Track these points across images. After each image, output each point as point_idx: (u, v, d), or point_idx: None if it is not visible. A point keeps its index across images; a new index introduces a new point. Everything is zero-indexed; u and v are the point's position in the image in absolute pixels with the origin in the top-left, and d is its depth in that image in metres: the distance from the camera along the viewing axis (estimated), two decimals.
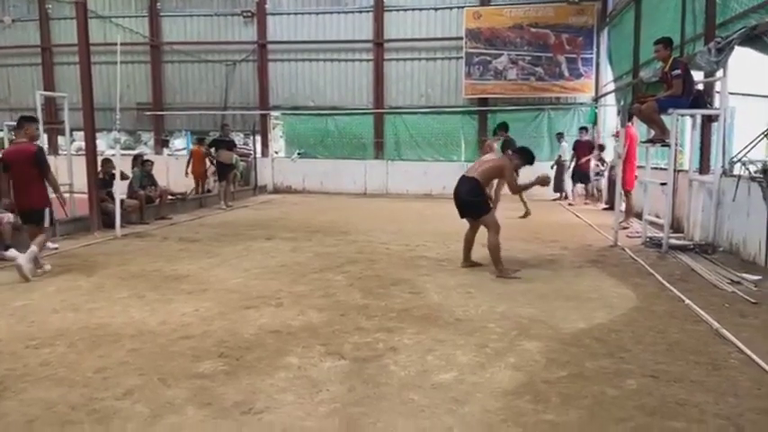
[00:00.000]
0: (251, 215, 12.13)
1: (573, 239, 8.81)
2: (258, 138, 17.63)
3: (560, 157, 14.96)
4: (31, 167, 6.45)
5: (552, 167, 14.51)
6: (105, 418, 3.06)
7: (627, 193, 10.09)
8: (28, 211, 6.61)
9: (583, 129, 14.58)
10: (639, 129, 10.18)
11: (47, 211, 6.59)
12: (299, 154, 17.70)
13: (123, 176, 9.95)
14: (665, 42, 7.63)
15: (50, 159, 10.11)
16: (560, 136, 15.32)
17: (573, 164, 14.34)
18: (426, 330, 4.48)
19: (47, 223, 6.62)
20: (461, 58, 16.34)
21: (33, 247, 6.31)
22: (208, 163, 14.34)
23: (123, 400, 3.27)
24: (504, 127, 10.84)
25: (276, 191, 17.41)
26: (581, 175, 14.16)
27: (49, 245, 7.93)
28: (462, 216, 6.75)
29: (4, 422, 3.03)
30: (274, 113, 17.99)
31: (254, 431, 2.93)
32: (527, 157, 6.72)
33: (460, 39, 16.24)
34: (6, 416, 3.10)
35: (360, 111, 17.28)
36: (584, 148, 13.96)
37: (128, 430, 2.93)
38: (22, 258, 6.15)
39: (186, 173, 14.35)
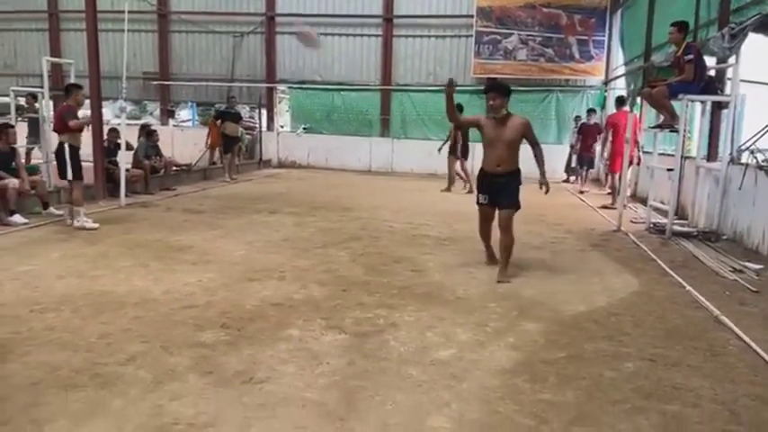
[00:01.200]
0: (255, 189, 12.14)
1: (577, 223, 8.80)
2: (264, 111, 17.56)
3: (573, 141, 14.83)
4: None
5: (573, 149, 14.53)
6: (108, 382, 3.11)
7: (612, 175, 10.80)
8: None
9: (591, 111, 13.81)
10: (649, 114, 10.12)
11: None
12: (304, 129, 17.62)
13: (128, 147, 9.94)
14: (680, 26, 7.52)
15: None
16: (579, 119, 15.00)
17: (578, 147, 13.63)
18: (427, 308, 4.51)
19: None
20: (471, 36, 16.14)
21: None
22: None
23: (126, 366, 3.32)
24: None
25: (281, 165, 17.38)
26: (588, 161, 13.38)
27: (54, 211, 7.99)
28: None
29: (9, 383, 3.08)
30: (281, 87, 17.87)
31: (254, 400, 2.97)
32: None
33: (471, 17, 16.03)
34: (10, 377, 3.15)
35: (367, 87, 17.15)
36: (592, 132, 13.20)
37: (130, 395, 2.98)
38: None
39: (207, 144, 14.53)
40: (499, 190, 5.50)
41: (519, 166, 5.56)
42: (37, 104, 11.44)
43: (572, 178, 14.84)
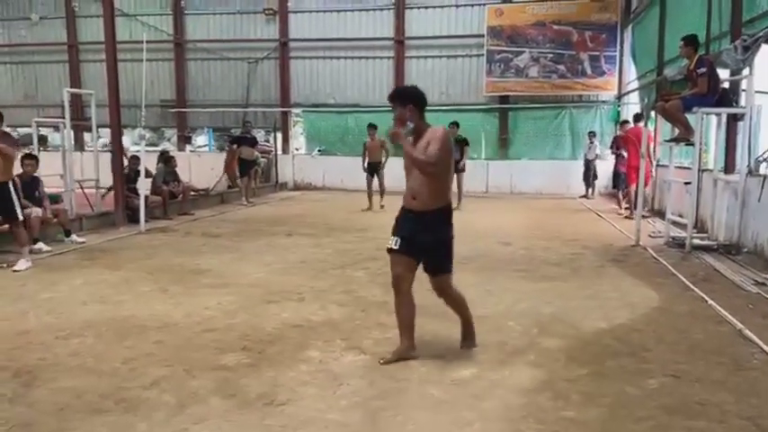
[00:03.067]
0: (272, 211, 12.24)
1: (594, 238, 8.75)
2: (279, 135, 17.76)
3: (589, 156, 14.84)
4: None
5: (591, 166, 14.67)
6: (133, 407, 3.15)
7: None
8: None
9: (624, 122, 12.40)
10: (664, 127, 10.09)
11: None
12: (319, 151, 17.78)
13: (147, 174, 10.12)
14: (689, 40, 7.53)
15: (76, 156, 10.37)
16: (593, 135, 14.95)
17: (614, 163, 12.44)
18: (445, 327, 4.49)
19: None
20: (482, 55, 16.26)
21: None
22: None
23: (150, 390, 3.35)
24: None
25: (296, 187, 17.52)
26: (623, 178, 11.52)
27: (76, 238, 8.13)
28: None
29: (36, 409, 3.13)
30: (295, 111, 18.09)
31: (277, 422, 2.98)
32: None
33: (482, 36, 16.18)
34: (38, 403, 3.20)
35: (380, 108, 17.26)
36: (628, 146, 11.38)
37: (155, 419, 3.01)
38: None
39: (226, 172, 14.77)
40: (419, 235, 3.76)
41: (449, 201, 3.96)
42: None
43: (590, 191, 14.80)
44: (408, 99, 3.90)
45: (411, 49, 16.96)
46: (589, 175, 14.87)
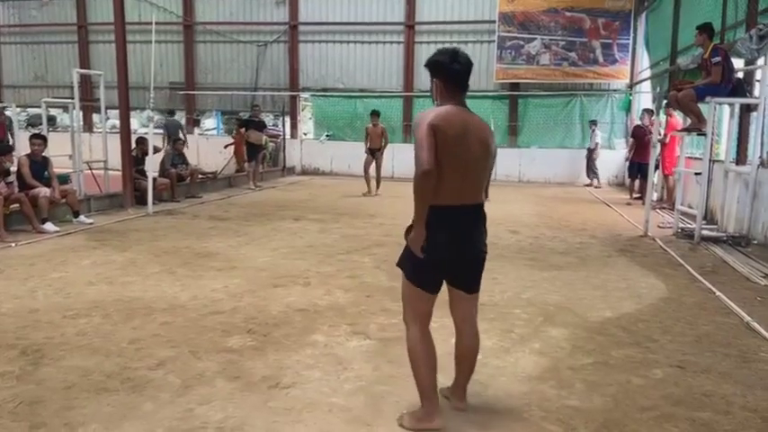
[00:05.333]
0: (279, 196, 12.25)
1: (602, 228, 8.71)
2: (287, 119, 17.73)
3: (597, 145, 14.81)
4: None
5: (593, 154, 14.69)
6: (139, 387, 3.17)
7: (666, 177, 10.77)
8: None
9: (647, 111, 11.73)
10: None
11: None
12: (327, 136, 17.74)
13: (156, 149, 10.09)
14: (704, 29, 7.41)
15: (85, 137, 10.40)
16: (594, 123, 15.01)
17: (631, 154, 11.94)
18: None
19: None
20: (493, 41, 16.11)
21: None
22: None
23: (156, 371, 3.38)
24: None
25: (304, 172, 17.51)
26: (644, 169, 10.67)
27: (85, 219, 8.17)
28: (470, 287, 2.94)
29: (44, 387, 3.16)
30: (304, 95, 18.04)
31: (281, 405, 3.00)
32: None
33: (493, 22, 16.01)
34: (45, 381, 3.23)
35: (389, 94, 17.21)
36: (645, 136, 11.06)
37: (161, 399, 3.03)
38: None
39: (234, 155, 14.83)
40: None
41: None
42: None
43: (595, 181, 14.76)
44: (428, 69, 2.85)
45: (421, 35, 16.82)
46: (591, 165, 14.90)
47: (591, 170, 14.92)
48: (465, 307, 2.91)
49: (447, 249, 2.66)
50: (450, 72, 2.77)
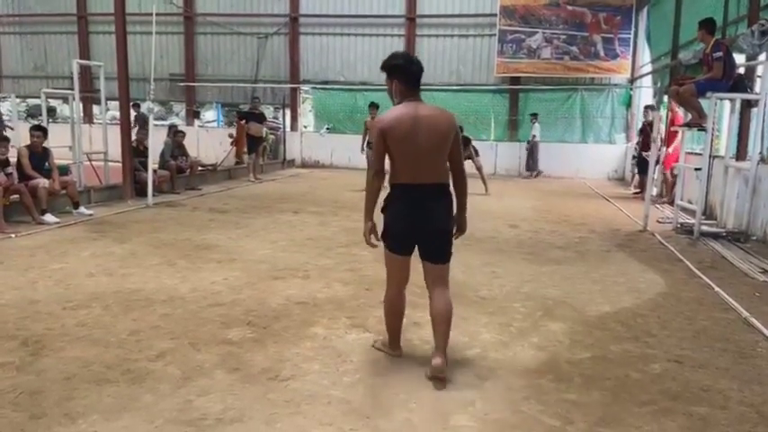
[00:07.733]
0: (279, 188, 12.25)
1: (602, 222, 8.72)
2: (288, 111, 17.70)
3: (534, 137, 15.44)
4: None
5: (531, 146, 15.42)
6: (139, 378, 3.18)
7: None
8: None
9: (649, 108, 11.74)
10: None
11: None
12: (327, 129, 17.71)
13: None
14: (706, 24, 7.40)
15: (85, 128, 10.36)
16: (534, 117, 15.51)
17: (638, 149, 12.03)
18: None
19: None
20: (494, 35, 16.07)
21: None
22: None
23: (156, 362, 3.39)
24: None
25: (304, 165, 17.50)
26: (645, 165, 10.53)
27: (85, 211, 8.17)
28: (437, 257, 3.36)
29: (44, 377, 3.18)
30: (304, 87, 18.00)
31: (280, 397, 3.01)
32: None
33: (494, 15, 15.96)
34: (45, 372, 3.24)
35: None
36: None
37: (160, 390, 3.05)
38: None
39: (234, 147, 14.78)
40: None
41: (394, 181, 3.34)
42: None
43: (533, 174, 15.56)
44: (387, 71, 3.30)
45: (422, 27, 16.77)
46: (533, 156, 15.59)
47: (532, 161, 15.57)
48: (433, 275, 3.37)
49: (405, 219, 3.25)
50: (409, 73, 3.26)
